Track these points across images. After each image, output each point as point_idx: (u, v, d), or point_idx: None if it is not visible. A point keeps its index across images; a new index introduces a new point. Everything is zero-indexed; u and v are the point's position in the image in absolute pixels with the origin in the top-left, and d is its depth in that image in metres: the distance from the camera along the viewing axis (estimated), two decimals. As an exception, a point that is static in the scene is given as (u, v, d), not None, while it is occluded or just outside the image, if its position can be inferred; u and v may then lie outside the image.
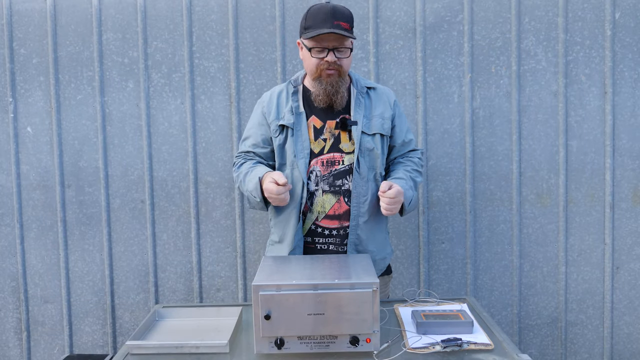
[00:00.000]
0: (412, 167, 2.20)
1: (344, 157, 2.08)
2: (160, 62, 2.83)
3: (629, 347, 2.91)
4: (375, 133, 2.11)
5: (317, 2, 2.77)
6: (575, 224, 2.85)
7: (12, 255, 2.94)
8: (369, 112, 2.14)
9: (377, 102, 2.17)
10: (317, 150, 2.09)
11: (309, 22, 2.00)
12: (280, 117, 2.11)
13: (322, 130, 2.10)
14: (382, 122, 2.14)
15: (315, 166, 2.08)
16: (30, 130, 2.88)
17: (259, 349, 1.55)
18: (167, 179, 2.87)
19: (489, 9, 2.78)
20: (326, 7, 1.98)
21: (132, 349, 1.65)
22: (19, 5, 2.83)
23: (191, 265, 2.91)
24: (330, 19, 1.96)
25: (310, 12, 2.01)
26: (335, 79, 2.03)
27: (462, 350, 1.59)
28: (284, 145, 2.10)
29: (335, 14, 1.97)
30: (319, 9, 1.99)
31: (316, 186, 2.07)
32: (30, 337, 2.98)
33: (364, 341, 1.56)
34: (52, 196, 2.89)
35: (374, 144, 2.11)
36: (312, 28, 1.98)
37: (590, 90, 2.80)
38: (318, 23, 1.97)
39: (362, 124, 2.10)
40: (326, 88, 2.03)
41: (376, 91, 2.19)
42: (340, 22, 1.96)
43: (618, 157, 2.82)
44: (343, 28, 1.96)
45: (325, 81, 2.03)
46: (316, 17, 1.98)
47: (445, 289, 2.88)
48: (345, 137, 2.09)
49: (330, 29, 1.94)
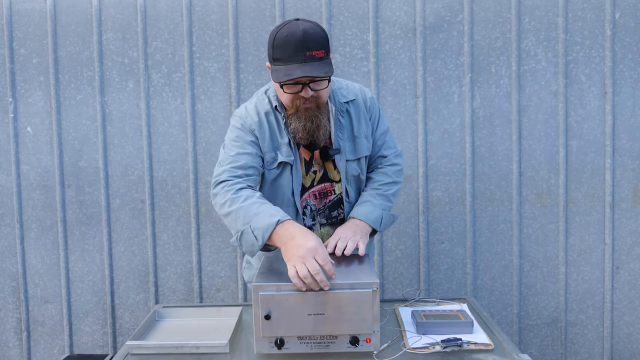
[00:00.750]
0: (380, 182, 2.03)
1: (334, 186, 1.98)
2: (160, 62, 2.83)
3: (629, 347, 2.91)
4: (360, 157, 1.98)
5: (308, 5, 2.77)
6: (575, 224, 2.85)
7: (12, 255, 2.94)
8: (351, 133, 1.95)
9: (358, 117, 1.96)
10: (308, 184, 1.95)
11: (277, 53, 1.73)
12: (276, 148, 1.88)
13: (311, 162, 1.94)
14: (366, 143, 1.98)
15: (309, 200, 1.96)
16: (30, 130, 2.88)
17: (259, 349, 1.55)
18: (167, 179, 2.87)
19: (489, 9, 2.78)
20: (295, 35, 1.69)
21: (132, 349, 1.65)
22: (19, 5, 2.83)
23: (191, 265, 2.91)
24: (301, 49, 1.69)
25: (277, 40, 1.72)
26: (315, 113, 1.80)
27: (462, 350, 1.59)
28: (277, 179, 1.91)
29: (307, 42, 1.69)
30: (288, 37, 1.70)
31: (313, 221, 1.99)
32: (30, 337, 2.98)
33: (364, 341, 1.56)
34: (52, 196, 2.89)
35: (359, 168, 1.99)
36: (282, 61, 1.72)
37: (590, 90, 2.80)
38: (287, 56, 1.70)
39: (346, 150, 1.93)
40: (306, 125, 1.80)
41: (354, 103, 1.96)
42: (313, 51, 1.70)
43: (618, 157, 2.82)
44: (317, 58, 1.70)
45: (304, 116, 1.80)
46: (285, 47, 1.70)
47: (445, 289, 2.88)
48: (330, 165, 1.96)
49: (303, 63, 1.69)
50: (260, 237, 1.61)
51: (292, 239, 1.57)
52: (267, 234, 1.61)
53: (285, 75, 1.70)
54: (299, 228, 1.60)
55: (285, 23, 1.75)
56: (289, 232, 1.59)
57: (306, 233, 1.57)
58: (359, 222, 1.92)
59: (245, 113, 1.90)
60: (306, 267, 1.50)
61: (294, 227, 1.60)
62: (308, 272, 1.49)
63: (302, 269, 1.50)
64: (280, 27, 1.75)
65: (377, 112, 2.03)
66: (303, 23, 1.73)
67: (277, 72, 1.73)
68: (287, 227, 1.60)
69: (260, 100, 1.92)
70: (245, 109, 1.92)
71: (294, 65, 1.70)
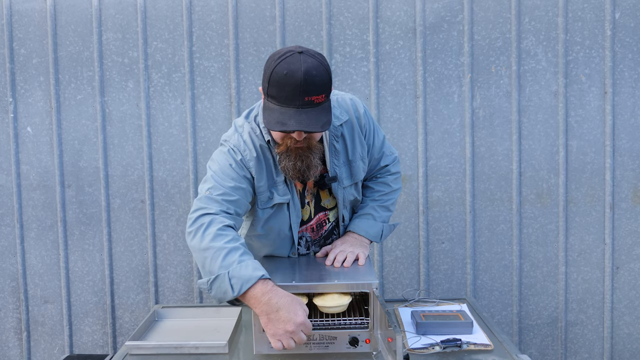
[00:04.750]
0: (381, 192, 1.98)
1: (328, 215, 1.92)
2: (160, 62, 2.83)
3: (629, 347, 2.91)
4: (357, 182, 1.91)
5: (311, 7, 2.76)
6: (575, 224, 2.85)
7: (12, 255, 2.94)
8: (346, 157, 1.84)
9: (352, 139, 1.84)
10: (305, 217, 1.87)
11: (272, 90, 1.55)
12: (271, 186, 1.76)
13: (304, 194, 1.86)
14: (362, 165, 1.88)
15: (305, 232, 1.90)
16: (30, 130, 2.88)
17: (259, 349, 1.56)
18: (167, 179, 2.87)
19: (489, 9, 2.78)
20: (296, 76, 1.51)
21: (132, 349, 1.65)
22: (19, 5, 2.83)
23: (191, 265, 2.91)
24: (299, 94, 1.52)
25: (275, 75, 1.54)
26: (306, 153, 1.67)
27: (462, 350, 1.59)
28: (272, 217, 1.81)
29: (307, 85, 1.52)
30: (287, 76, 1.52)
31: (307, 250, 1.94)
32: (30, 337, 2.98)
33: (364, 342, 1.56)
34: (52, 196, 2.90)
35: (356, 193, 1.92)
36: (276, 101, 1.55)
37: (590, 90, 2.80)
38: (283, 97, 1.54)
39: (342, 177, 1.84)
40: (295, 164, 1.67)
41: (348, 123, 1.82)
42: (312, 96, 1.53)
43: (618, 157, 2.82)
44: (315, 104, 1.55)
45: (294, 155, 1.67)
46: (282, 87, 1.53)
47: (445, 289, 2.88)
48: (325, 193, 1.89)
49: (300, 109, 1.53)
50: (237, 288, 1.48)
51: (276, 311, 1.46)
52: (246, 287, 1.47)
53: (278, 123, 1.54)
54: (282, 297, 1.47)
55: (286, 54, 1.56)
56: (272, 302, 1.47)
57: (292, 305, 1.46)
58: (358, 236, 1.88)
59: (243, 146, 1.72)
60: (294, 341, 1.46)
61: (277, 297, 1.47)
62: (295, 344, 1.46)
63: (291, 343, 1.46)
64: (280, 60, 1.55)
65: (371, 127, 1.90)
66: (306, 59, 1.54)
67: (270, 114, 1.57)
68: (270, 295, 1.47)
69: (254, 131, 1.75)
70: (242, 141, 1.73)
71: (289, 111, 1.54)
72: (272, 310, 1.46)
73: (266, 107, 1.59)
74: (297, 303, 1.48)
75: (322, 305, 1.55)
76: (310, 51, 1.58)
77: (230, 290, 1.48)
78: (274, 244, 1.88)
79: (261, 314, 1.48)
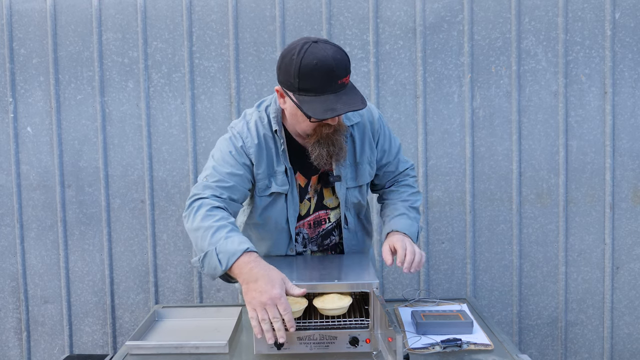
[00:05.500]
0: (408, 192, 1.98)
1: (329, 214, 1.91)
2: (160, 62, 2.83)
3: (629, 347, 2.91)
4: (362, 185, 1.89)
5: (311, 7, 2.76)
6: (575, 224, 2.85)
7: (12, 255, 2.94)
8: (353, 159, 1.85)
9: (362, 141, 1.86)
10: (303, 212, 1.87)
11: (306, 83, 1.57)
12: (270, 175, 1.79)
13: (306, 189, 1.86)
14: (369, 169, 1.89)
15: (302, 228, 1.90)
16: (30, 130, 2.88)
17: (259, 349, 1.55)
18: (167, 179, 2.87)
19: (489, 9, 2.78)
20: (326, 62, 1.55)
21: (132, 349, 1.65)
22: (19, 5, 2.83)
23: (191, 265, 2.91)
24: (334, 78, 1.57)
25: (305, 68, 1.56)
26: (336, 136, 1.71)
27: (462, 350, 1.59)
28: (269, 207, 1.83)
29: (338, 69, 1.57)
30: (317, 65, 1.55)
31: (304, 248, 1.93)
32: (30, 337, 2.98)
33: (364, 341, 1.56)
34: (52, 196, 2.89)
35: (360, 196, 1.91)
36: (313, 92, 1.57)
37: (590, 90, 2.80)
38: (320, 86, 1.57)
39: (346, 177, 1.85)
40: (329, 149, 1.70)
41: (359, 126, 1.85)
42: (343, 78, 1.59)
43: (618, 157, 2.82)
44: (346, 85, 1.61)
45: (326, 141, 1.70)
46: (315, 77, 1.56)
47: (445, 289, 2.88)
48: (328, 191, 1.88)
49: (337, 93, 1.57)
50: (225, 262, 1.53)
51: (255, 281, 1.48)
52: (232, 260, 1.52)
53: (327, 110, 1.56)
54: (264, 269, 1.50)
55: (304, 46, 1.58)
56: (253, 272, 1.50)
57: (270, 278, 1.48)
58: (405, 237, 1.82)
59: (246, 133, 1.76)
60: (267, 313, 1.44)
61: (259, 267, 1.51)
62: (268, 318, 1.44)
63: (263, 314, 1.44)
64: (304, 52, 1.57)
65: (386, 133, 1.92)
66: (327, 47, 1.58)
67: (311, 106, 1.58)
68: (252, 264, 1.51)
69: (261, 120, 1.79)
70: (246, 127, 1.78)
71: (329, 97, 1.57)
72: (252, 279, 1.49)
73: (303, 102, 1.60)
74: (277, 277, 1.49)
75: (322, 308, 1.55)
76: (321, 39, 1.63)
77: (218, 265, 1.54)
78: (271, 237, 1.88)
79: (242, 282, 1.52)
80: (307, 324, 1.56)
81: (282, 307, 1.44)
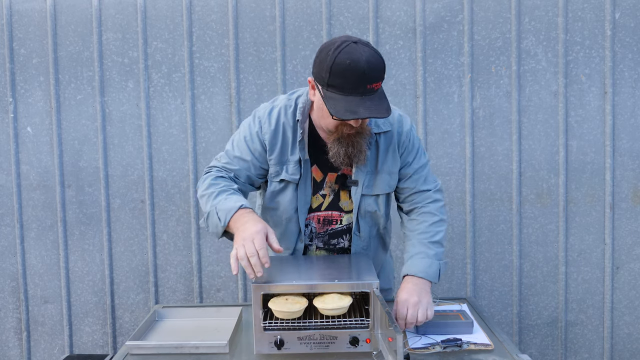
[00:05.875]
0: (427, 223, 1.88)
1: (342, 217, 1.89)
2: (160, 62, 2.83)
3: (629, 347, 2.91)
4: (379, 194, 1.87)
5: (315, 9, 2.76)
6: (575, 224, 2.85)
7: (12, 255, 2.94)
8: (374, 167, 1.84)
9: (386, 150, 1.85)
10: (315, 205, 1.87)
11: (335, 80, 1.59)
12: (283, 163, 1.82)
13: (322, 185, 1.86)
14: (389, 179, 1.86)
15: (311, 221, 1.89)
16: (30, 130, 2.88)
17: (259, 349, 1.55)
18: (167, 179, 2.87)
19: (489, 9, 2.78)
20: (359, 65, 1.56)
21: (132, 349, 1.65)
22: (19, 5, 2.83)
23: (191, 265, 2.91)
24: (363, 82, 1.58)
25: (338, 66, 1.58)
26: (357, 138, 1.73)
27: (462, 350, 1.59)
28: (280, 194, 1.85)
29: (370, 74, 1.58)
30: (350, 65, 1.57)
31: (310, 241, 1.92)
32: (30, 337, 2.98)
33: (364, 341, 1.56)
34: (52, 196, 2.89)
35: (376, 206, 1.88)
36: (340, 91, 1.60)
37: (590, 90, 2.80)
38: (348, 87, 1.58)
39: (363, 184, 1.83)
40: (347, 150, 1.72)
41: (387, 135, 1.84)
42: (374, 83, 1.59)
43: (618, 157, 2.82)
44: (375, 91, 1.61)
45: (347, 142, 1.72)
46: (346, 77, 1.58)
47: (445, 289, 2.88)
48: (345, 194, 1.87)
49: (363, 97, 1.59)
50: (223, 218, 1.64)
51: (243, 224, 1.59)
52: (229, 216, 1.63)
53: (348, 111, 1.58)
54: (253, 219, 1.61)
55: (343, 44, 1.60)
56: (244, 218, 1.61)
57: (257, 220, 1.60)
58: (419, 281, 1.78)
59: (266, 118, 1.81)
60: (244, 249, 1.51)
61: (250, 215, 1.62)
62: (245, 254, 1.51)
63: (240, 251, 1.51)
64: (340, 49, 1.59)
65: (414, 146, 1.88)
66: (364, 49, 1.59)
67: (336, 104, 1.60)
68: (246, 217, 1.62)
69: (287, 108, 1.82)
70: (268, 113, 1.82)
71: (354, 99, 1.59)
72: (241, 223, 1.60)
73: (329, 98, 1.63)
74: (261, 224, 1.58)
75: (322, 308, 1.55)
76: (362, 40, 1.64)
77: (219, 222, 1.65)
78: (282, 225, 1.89)
79: (235, 232, 1.61)
80: (307, 324, 1.56)
81: (257, 243, 1.52)
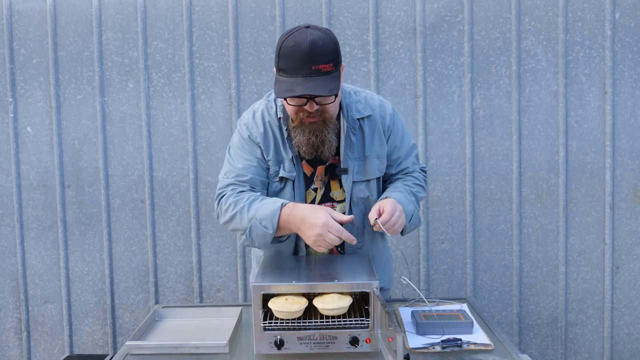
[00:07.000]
0: (412, 181, 1.94)
1: (335, 207, 1.88)
2: (160, 62, 2.83)
3: (629, 347, 2.91)
4: (370, 179, 1.88)
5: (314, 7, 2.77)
6: (575, 224, 2.85)
7: (12, 255, 2.94)
8: (362, 152, 1.86)
9: (371, 135, 1.86)
10: (309, 200, 1.87)
11: (282, 63, 1.64)
12: (279, 162, 1.83)
13: (312, 179, 1.87)
14: (378, 163, 1.88)
15: None
16: (30, 130, 2.88)
17: (259, 349, 1.55)
18: (167, 179, 2.87)
19: (489, 9, 2.78)
20: (302, 46, 1.60)
21: (132, 349, 1.65)
22: (19, 5, 2.83)
23: (191, 265, 2.91)
24: (306, 62, 1.60)
25: (283, 49, 1.63)
26: (320, 127, 1.72)
27: (462, 350, 1.59)
28: (279, 194, 1.86)
29: (313, 54, 1.60)
30: (293, 47, 1.61)
31: None
32: (30, 337, 2.98)
33: (364, 341, 1.56)
34: (52, 196, 2.89)
35: (368, 191, 1.88)
36: (285, 73, 1.63)
37: (590, 90, 2.80)
38: (291, 68, 1.62)
39: (353, 171, 1.84)
40: (309, 139, 1.72)
41: (370, 119, 1.86)
42: (320, 64, 1.61)
43: (618, 157, 2.82)
44: (323, 73, 1.61)
45: (308, 130, 1.72)
46: (289, 58, 1.62)
47: (445, 289, 2.88)
48: (335, 184, 1.87)
49: (307, 77, 1.60)
50: (270, 225, 1.65)
51: (302, 222, 1.61)
52: (275, 220, 1.65)
53: (287, 90, 1.61)
54: (304, 208, 1.63)
55: (294, 30, 1.65)
56: (297, 217, 1.63)
57: (312, 211, 1.62)
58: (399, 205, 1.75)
59: (252, 122, 1.83)
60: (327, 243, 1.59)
61: (298, 209, 1.64)
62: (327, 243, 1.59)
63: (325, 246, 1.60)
64: (288, 35, 1.64)
65: (398, 129, 1.91)
66: (312, 32, 1.63)
67: (280, 85, 1.64)
68: (294, 212, 1.64)
69: (268, 109, 1.84)
70: (252, 117, 1.84)
71: (297, 80, 1.61)
72: (299, 222, 1.63)
73: (277, 81, 1.67)
74: (317, 209, 1.62)
75: (322, 308, 1.55)
76: (317, 26, 1.67)
77: (267, 232, 1.67)
78: None
79: (297, 231, 1.65)
80: (307, 324, 1.56)
81: (334, 231, 1.58)
